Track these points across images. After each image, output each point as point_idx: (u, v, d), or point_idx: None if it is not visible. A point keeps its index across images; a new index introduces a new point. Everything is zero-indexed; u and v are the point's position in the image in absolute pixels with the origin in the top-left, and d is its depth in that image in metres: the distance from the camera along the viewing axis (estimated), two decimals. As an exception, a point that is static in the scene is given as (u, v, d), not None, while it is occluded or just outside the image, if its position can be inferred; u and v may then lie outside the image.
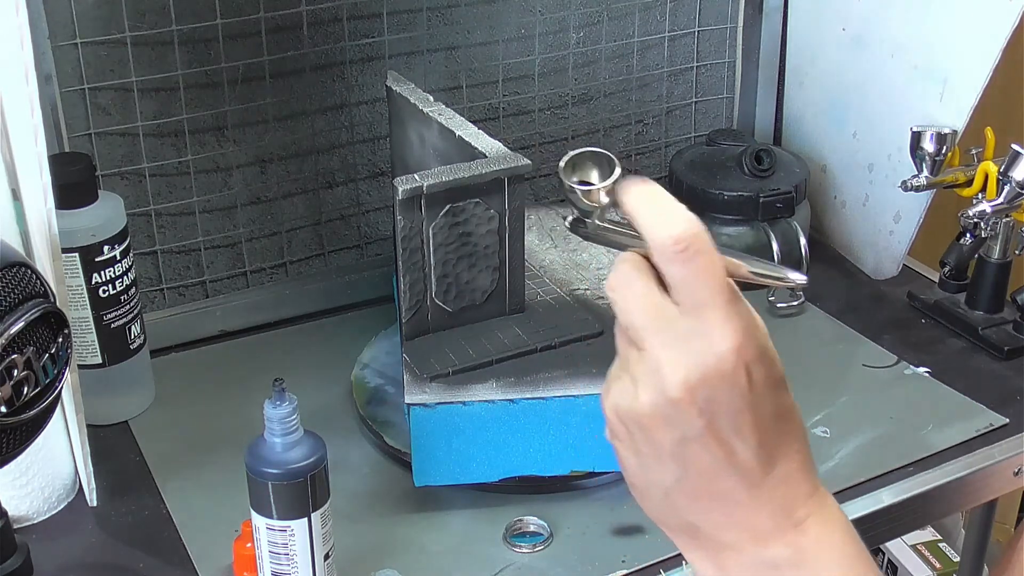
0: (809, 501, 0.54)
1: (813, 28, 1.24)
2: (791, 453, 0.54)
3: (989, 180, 1.05)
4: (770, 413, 0.52)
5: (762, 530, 0.53)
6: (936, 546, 1.63)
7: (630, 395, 0.53)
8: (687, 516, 0.54)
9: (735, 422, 0.51)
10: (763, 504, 0.53)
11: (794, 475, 0.54)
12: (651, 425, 0.52)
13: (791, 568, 0.53)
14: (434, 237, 0.85)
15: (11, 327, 0.62)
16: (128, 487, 0.89)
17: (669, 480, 0.53)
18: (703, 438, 0.51)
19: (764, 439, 0.52)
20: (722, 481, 0.52)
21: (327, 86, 1.10)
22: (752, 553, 0.54)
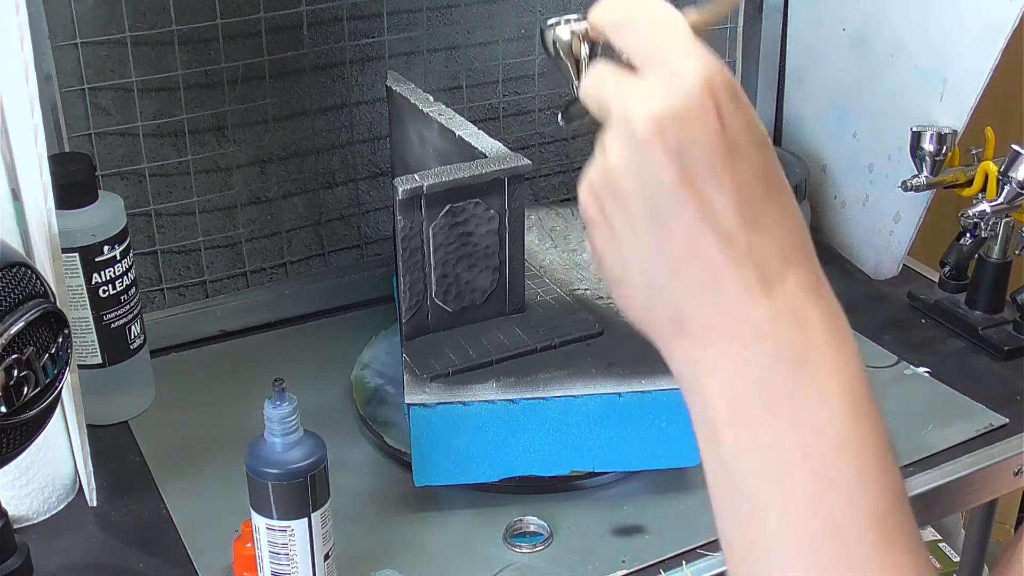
0: (812, 295, 0.49)
1: (813, 28, 1.24)
2: (784, 225, 0.49)
3: (989, 180, 1.05)
4: (751, 167, 0.48)
5: (756, 321, 0.48)
6: (936, 546, 1.63)
7: (600, 161, 0.50)
8: (672, 302, 0.49)
9: (710, 168, 0.47)
10: (755, 284, 0.48)
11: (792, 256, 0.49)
12: (622, 185, 0.49)
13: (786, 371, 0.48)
14: (434, 237, 0.85)
15: (11, 327, 0.62)
16: (128, 487, 0.89)
17: (647, 252, 0.49)
18: (676, 189, 0.47)
19: (747, 195, 0.48)
20: (704, 248, 0.48)
21: (327, 86, 1.10)
22: (742, 347, 0.48)
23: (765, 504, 0.48)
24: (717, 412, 0.49)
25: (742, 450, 0.48)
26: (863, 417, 0.48)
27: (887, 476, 0.48)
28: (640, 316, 0.52)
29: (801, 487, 0.47)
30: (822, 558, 0.46)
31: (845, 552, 0.46)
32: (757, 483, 0.48)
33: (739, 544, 0.49)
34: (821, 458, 0.47)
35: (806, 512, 0.47)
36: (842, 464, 0.47)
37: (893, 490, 0.48)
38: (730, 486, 0.49)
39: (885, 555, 0.46)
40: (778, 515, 0.48)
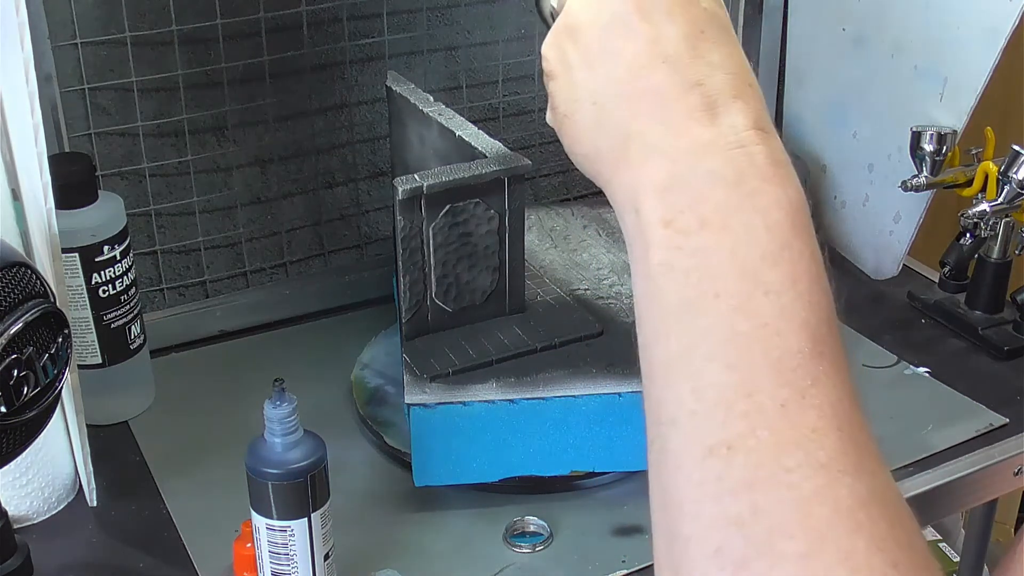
0: (760, 132, 0.49)
1: (813, 28, 1.24)
2: (736, 71, 0.50)
3: (989, 180, 1.05)
4: (706, 13, 0.51)
5: (700, 138, 0.48)
6: (936, 546, 1.63)
7: (562, 14, 0.54)
8: (618, 124, 0.50)
9: (664, 3, 0.50)
10: (701, 109, 0.49)
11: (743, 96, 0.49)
12: (579, 19, 0.52)
13: (724, 187, 0.47)
14: (434, 237, 0.85)
15: (11, 327, 0.62)
16: (128, 487, 0.89)
17: (598, 83, 0.51)
18: (628, 16, 0.50)
19: (698, 32, 0.50)
20: (652, 71, 0.49)
21: (327, 86, 1.10)
22: (684, 163, 0.48)
23: (695, 309, 0.46)
24: (650, 227, 0.48)
25: (672, 259, 0.47)
26: (799, 234, 0.47)
27: (821, 292, 0.47)
28: (586, 151, 0.53)
29: (733, 292, 0.45)
30: (752, 363, 0.44)
31: (776, 359, 0.44)
32: (687, 291, 0.46)
33: (660, 359, 0.47)
34: (755, 265, 0.46)
35: (738, 317, 0.45)
36: (776, 272, 0.46)
37: (826, 307, 0.47)
38: (659, 300, 0.47)
39: (818, 363, 0.45)
40: (708, 320, 0.46)
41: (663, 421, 0.46)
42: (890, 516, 0.42)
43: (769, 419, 0.43)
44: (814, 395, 0.44)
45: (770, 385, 0.44)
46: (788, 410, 0.43)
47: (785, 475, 0.42)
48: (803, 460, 0.42)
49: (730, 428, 0.44)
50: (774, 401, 0.44)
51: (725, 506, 0.43)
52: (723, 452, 0.43)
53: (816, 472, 0.42)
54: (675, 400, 0.46)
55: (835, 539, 0.41)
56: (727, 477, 0.43)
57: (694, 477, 0.44)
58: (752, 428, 0.43)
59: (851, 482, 0.42)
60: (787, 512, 0.42)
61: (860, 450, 0.43)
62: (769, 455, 0.43)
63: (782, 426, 0.43)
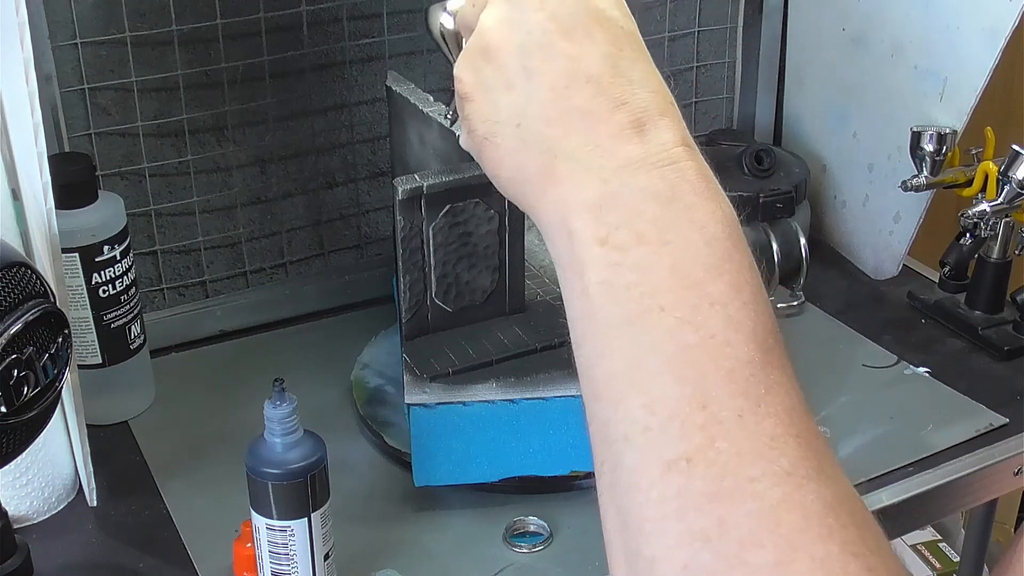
0: (687, 149, 0.49)
1: (813, 28, 1.24)
2: (658, 90, 0.50)
3: (989, 180, 1.05)
4: (622, 29, 0.51)
5: (630, 157, 0.47)
6: (936, 546, 1.63)
7: (475, 34, 0.52)
8: (543, 144, 0.49)
9: (582, 22, 0.49)
10: (629, 128, 0.48)
11: (668, 115, 0.49)
12: (493, 39, 0.51)
13: (659, 203, 0.46)
14: (434, 237, 0.85)
15: (11, 327, 0.62)
16: (128, 487, 0.89)
17: (520, 104, 0.50)
18: (548, 34, 0.49)
19: (619, 52, 0.49)
20: (577, 90, 0.48)
21: (327, 86, 1.10)
22: (615, 182, 0.47)
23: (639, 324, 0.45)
24: (584, 246, 0.47)
25: (610, 276, 0.46)
26: (737, 246, 0.47)
27: (764, 302, 0.46)
28: (510, 174, 0.51)
29: (678, 305, 0.45)
30: (704, 375, 0.43)
31: (728, 369, 0.43)
32: (628, 307, 0.45)
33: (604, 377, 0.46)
34: (698, 277, 0.45)
35: (684, 329, 0.44)
36: (720, 284, 0.45)
37: (770, 316, 0.46)
38: (600, 318, 0.46)
39: (769, 372, 0.44)
40: (654, 335, 0.45)
41: (613, 440, 0.45)
42: (858, 521, 0.42)
43: (727, 430, 0.42)
44: (769, 403, 0.43)
45: (725, 396, 0.43)
46: (745, 420, 0.43)
47: (750, 485, 0.42)
48: (766, 469, 0.42)
49: (688, 441, 0.43)
50: (730, 411, 0.43)
51: (689, 522, 0.42)
52: (683, 466, 0.42)
53: (781, 480, 0.41)
54: (625, 418, 0.45)
55: (807, 546, 0.40)
56: (689, 491, 0.42)
57: (653, 494, 0.43)
58: (711, 440, 0.42)
59: (816, 488, 0.42)
60: (755, 522, 0.41)
61: (819, 456, 0.43)
62: (731, 466, 0.42)
63: (741, 436, 0.43)
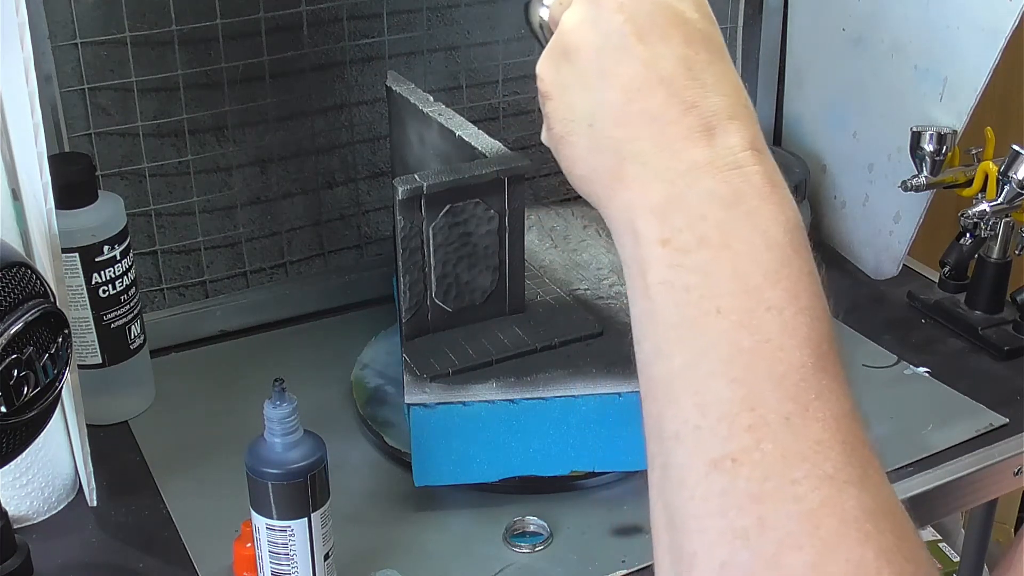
0: (756, 153, 0.49)
1: (813, 28, 1.24)
2: (731, 93, 0.50)
3: (989, 180, 1.05)
4: (699, 31, 0.51)
5: (696, 160, 0.48)
6: (936, 546, 1.63)
7: (556, 34, 0.53)
8: (615, 146, 0.50)
9: (659, 24, 0.50)
10: (698, 131, 0.48)
11: (739, 118, 0.49)
12: (574, 39, 0.52)
13: (723, 207, 0.47)
14: (434, 237, 0.85)
15: (11, 327, 0.62)
16: (128, 487, 0.89)
17: (594, 104, 0.51)
18: (624, 36, 0.50)
19: (694, 55, 0.50)
20: (649, 93, 0.49)
21: (327, 86, 1.10)
22: (683, 185, 0.48)
23: (697, 326, 0.46)
24: (647, 246, 0.48)
25: (671, 277, 0.47)
26: (798, 252, 0.47)
27: (822, 309, 0.47)
28: (583, 172, 0.53)
29: (735, 308, 0.45)
30: (756, 378, 0.44)
31: (780, 373, 0.44)
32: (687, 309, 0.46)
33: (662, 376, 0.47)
34: (756, 282, 0.46)
35: (740, 332, 0.45)
36: (778, 289, 0.46)
37: (827, 323, 0.47)
38: (659, 318, 0.47)
39: (821, 378, 0.45)
40: (710, 337, 0.45)
41: (666, 437, 0.46)
42: (897, 529, 0.42)
43: (774, 432, 0.43)
44: (818, 408, 0.44)
45: (774, 399, 0.44)
46: (792, 423, 0.43)
47: (791, 487, 0.42)
48: (809, 472, 0.42)
49: (735, 441, 0.43)
50: (778, 415, 0.43)
51: (731, 520, 0.43)
52: (728, 465, 0.43)
53: (822, 483, 0.42)
54: (678, 416, 0.46)
55: (844, 550, 0.41)
56: (732, 491, 0.43)
57: (698, 492, 0.44)
58: (757, 441, 0.43)
59: (857, 493, 0.42)
60: (794, 524, 0.42)
61: (864, 463, 0.44)
62: (775, 468, 0.43)
63: (787, 439, 0.43)
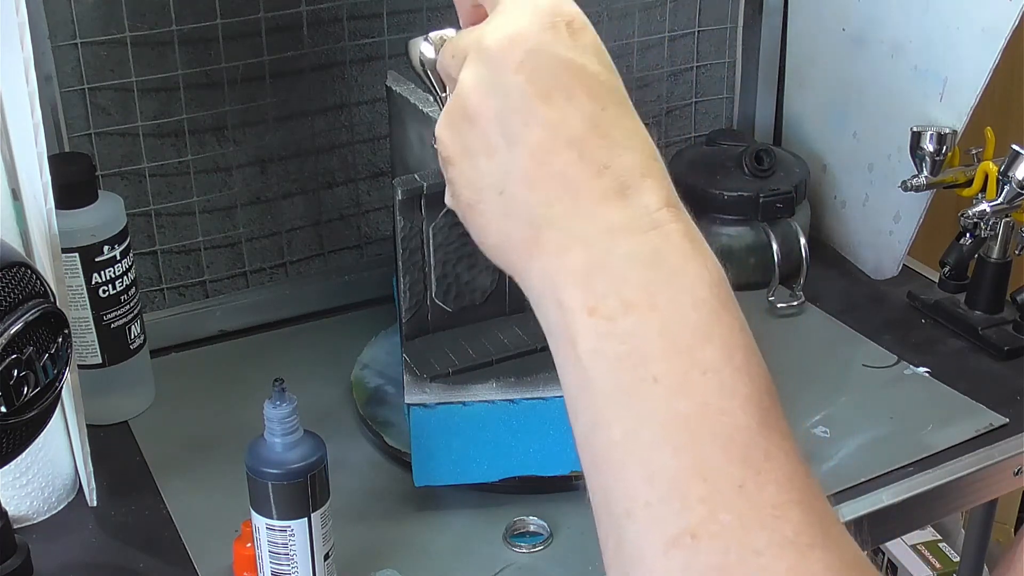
0: (672, 210, 0.47)
1: (813, 28, 1.24)
2: (641, 147, 0.48)
3: (989, 180, 1.05)
4: (603, 84, 0.48)
5: (614, 223, 0.46)
6: (936, 546, 1.63)
7: (455, 94, 0.51)
8: (527, 212, 0.48)
9: (562, 81, 0.47)
10: (612, 193, 0.47)
11: (651, 176, 0.47)
12: (473, 102, 0.49)
13: (645, 268, 0.46)
14: (434, 237, 0.85)
15: (11, 327, 0.62)
16: (128, 487, 0.89)
17: (502, 170, 0.49)
18: (527, 98, 0.47)
19: (601, 111, 0.48)
20: (559, 156, 0.47)
21: (327, 86, 1.10)
22: (601, 249, 0.46)
23: (633, 394, 0.44)
24: (574, 315, 0.46)
25: (601, 346, 0.45)
26: (727, 307, 0.46)
27: (757, 364, 0.45)
28: (495, 241, 0.51)
29: (670, 373, 0.44)
30: (701, 445, 0.43)
31: (726, 437, 0.43)
32: (622, 377, 0.45)
33: (603, 448, 0.45)
34: (687, 343, 0.44)
35: (678, 398, 0.44)
36: (710, 349, 0.44)
37: (764, 376, 0.45)
38: (594, 388, 0.46)
39: (767, 437, 0.43)
40: (648, 404, 0.44)
41: (617, 514, 0.45)
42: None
43: (729, 501, 0.42)
44: (769, 470, 0.43)
45: (724, 465, 0.43)
46: (746, 489, 0.42)
47: (755, 558, 0.41)
48: (770, 539, 0.41)
49: (690, 515, 0.42)
50: (731, 482, 0.42)
51: None
52: (687, 541, 0.42)
53: (785, 550, 0.41)
54: (627, 492, 0.44)
55: None
56: (694, 567, 0.42)
57: (657, 568, 0.43)
58: (713, 512, 0.42)
59: (822, 555, 0.41)
60: None
61: (823, 520, 0.43)
62: (735, 539, 0.41)
63: (743, 507, 0.42)
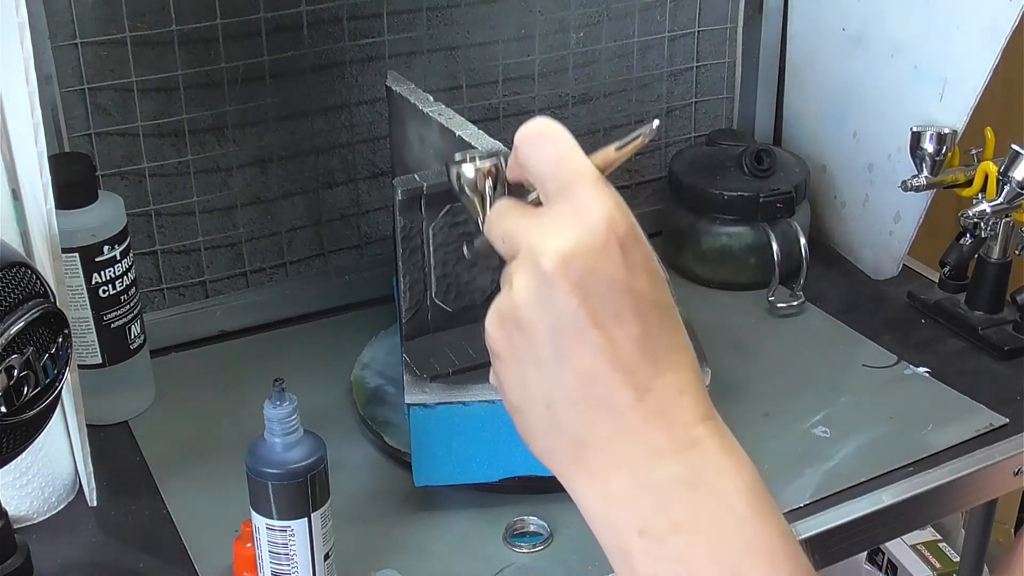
0: (708, 424, 0.51)
1: (813, 28, 1.24)
2: (681, 362, 0.51)
3: (989, 180, 1.05)
4: (652, 306, 0.50)
5: (655, 445, 0.50)
6: (936, 546, 1.63)
7: (507, 293, 0.52)
8: (572, 431, 0.51)
9: (612, 304, 0.49)
10: (653, 415, 0.50)
11: (688, 391, 0.51)
12: (526, 315, 0.51)
13: (686, 489, 0.50)
14: (434, 237, 0.85)
15: (11, 327, 0.62)
16: (128, 487, 0.89)
17: (549, 386, 0.51)
18: (579, 320, 0.49)
19: (647, 333, 0.50)
20: (605, 380, 0.50)
21: (327, 86, 1.10)
22: (644, 471, 0.50)
23: None
24: (627, 537, 0.50)
25: (656, 569, 0.50)
26: (767, 516, 0.50)
27: (798, 566, 0.49)
28: (541, 448, 0.53)
29: None
30: None
31: None
32: None
33: None
34: (735, 562, 0.49)
35: None
36: (755, 562, 0.49)
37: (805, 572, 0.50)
38: None
39: None
40: None
41: None
42: None
43: None
44: None
45: None
46: None
47: None
48: None
49: None
50: None
51: None
52: None
53: None
54: None
55: None
56: None
57: None
58: None
59: None
60: None
61: None
62: None
63: None
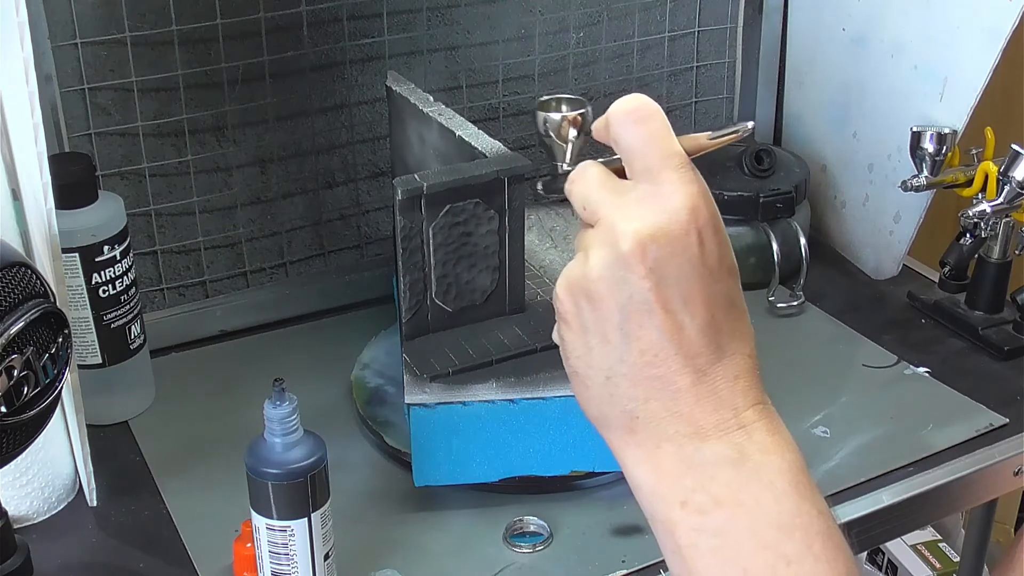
0: (757, 408, 0.53)
1: (813, 28, 1.24)
2: (741, 352, 0.53)
3: (989, 180, 1.05)
4: (721, 294, 0.52)
5: (703, 425, 0.52)
6: (936, 546, 1.63)
7: (581, 263, 0.53)
8: (627, 404, 0.53)
9: (684, 291, 0.51)
10: (706, 396, 0.52)
11: (743, 376, 0.52)
12: (599, 289, 0.52)
13: (730, 467, 0.51)
14: (434, 237, 0.85)
15: (11, 327, 0.62)
16: (128, 487, 0.89)
17: (612, 360, 0.53)
18: (649, 303, 0.51)
19: (712, 321, 0.51)
20: (666, 362, 0.51)
21: (327, 86, 1.10)
22: (691, 448, 0.52)
23: None
24: (670, 509, 0.53)
25: (696, 540, 0.52)
26: (806, 498, 0.51)
27: (834, 547, 0.51)
28: (595, 413, 0.55)
29: (758, 565, 0.50)
30: None
31: None
32: (717, 568, 0.51)
33: None
34: (772, 537, 0.50)
35: None
36: (793, 541, 0.50)
37: (843, 560, 0.51)
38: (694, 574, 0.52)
39: None
40: None
41: None
42: None
43: None
44: None
45: None
46: None
47: None
48: None
49: None
50: None
51: None
52: None
53: None
54: None
55: None
56: None
57: None
58: None
59: None
60: None
61: None
62: None
63: None
